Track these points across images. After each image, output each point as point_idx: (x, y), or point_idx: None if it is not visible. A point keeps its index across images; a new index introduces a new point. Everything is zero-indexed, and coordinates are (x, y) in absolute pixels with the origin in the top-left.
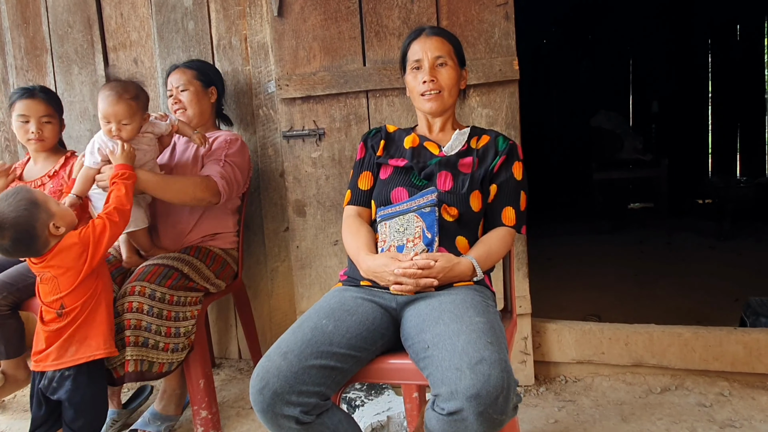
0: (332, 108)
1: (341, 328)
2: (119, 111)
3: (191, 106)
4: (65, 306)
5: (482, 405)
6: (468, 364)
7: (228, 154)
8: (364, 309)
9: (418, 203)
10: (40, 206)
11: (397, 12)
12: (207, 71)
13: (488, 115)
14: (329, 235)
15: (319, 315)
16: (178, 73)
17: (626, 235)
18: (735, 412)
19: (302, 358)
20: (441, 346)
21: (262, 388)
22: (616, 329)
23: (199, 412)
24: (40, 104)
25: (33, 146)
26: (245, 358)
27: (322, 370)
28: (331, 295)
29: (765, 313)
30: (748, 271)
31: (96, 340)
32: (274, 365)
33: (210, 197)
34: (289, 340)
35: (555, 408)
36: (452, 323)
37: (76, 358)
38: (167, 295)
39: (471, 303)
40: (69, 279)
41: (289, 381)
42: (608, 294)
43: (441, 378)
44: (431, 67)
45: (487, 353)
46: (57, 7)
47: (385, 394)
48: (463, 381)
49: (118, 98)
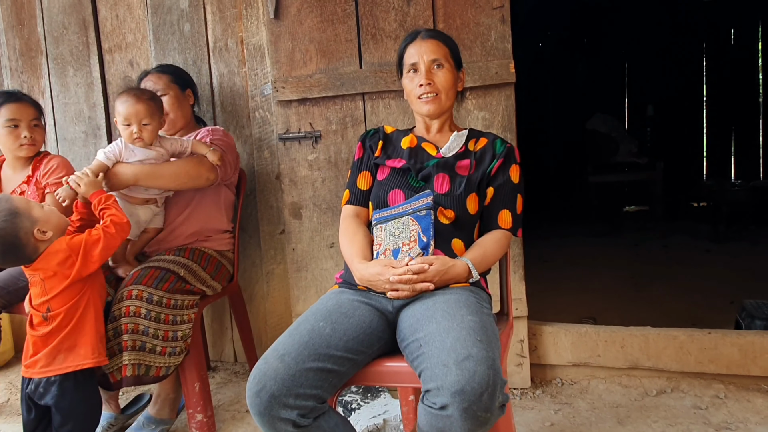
0: (328, 110)
1: (338, 330)
2: (140, 110)
3: (173, 110)
4: (51, 309)
5: (467, 401)
6: (455, 360)
7: (213, 139)
8: (361, 312)
9: (414, 206)
10: (21, 215)
11: (393, 15)
12: (181, 74)
13: (485, 118)
14: (325, 238)
15: (316, 317)
16: (152, 78)
17: (622, 238)
18: (730, 414)
19: (299, 360)
20: (432, 343)
21: (259, 390)
22: (612, 332)
23: (195, 415)
24: (28, 107)
25: (25, 152)
26: (241, 361)
27: (320, 373)
28: (327, 298)
29: (760, 316)
30: (743, 273)
31: (84, 348)
32: (271, 368)
33: (206, 173)
34: (286, 342)
35: (551, 411)
36: (444, 321)
37: (64, 366)
38: (164, 299)
39: (465, 302)
40: (54, 282)
41: (287, 384)
42: (604, 297)
43: (430, 374)
44: (428, 70)
45: (475, 350)
46: (52, 9)
47: (381, 397)
48: (449, 377)
49: (138, 99)
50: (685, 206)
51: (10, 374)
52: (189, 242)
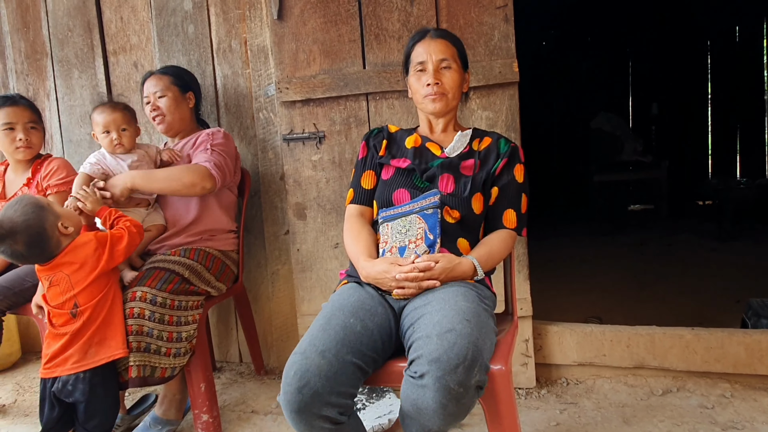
0: (332, 111)
1: (368, 329)
2: (117, 117)
3: (170, 112)
4: (78, 305)
5: (441, 370)
6: (438, 332)
7: (213, 144)
8: (382, 310)
9: (421, 205)
10: (46, 209)
11: (396, 15)
12: (183, 76)
13: (488, 118)
14: (330, 238)
15: (345, 313)
16: (153, 79)
17: (627, 237)
18: (737, 413)
19: (340, 357)
20: (421, 322)
21: (301, 387)
22: (618, 331)
23: (200, 416)
24: (24, 110)
25: (21, 154)
26: (246, 362)
27: (356, 371)
28: (348, 293)
29: (766, 315)
30: (749, 272)
31: (115, 340)
32: (313, 364)
33: (202, 182)
34: (322, 337)
35: (557, 410)
36: (437, 305)
37: (97, 359)
38: (168, 300)
39: (462, 293)
40: (82, 275)
41: (330, 381)
42: (609, 296)
43: (414, 347)
44: (435, 69)
45: (459, 326)
46: (57, 11)
47: (387, 398)
48: (429, 346)
49: (113, 108)
50: (690, 205)
51: (17, 375)
52: (193, 240)
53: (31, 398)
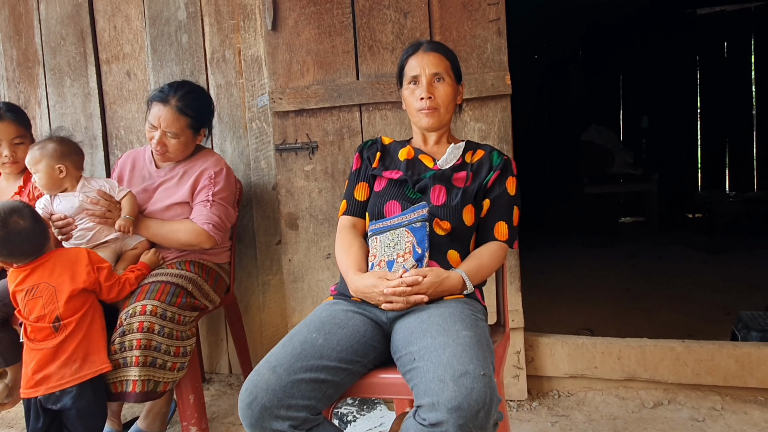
0: (325, 121)
1: (332, 341)
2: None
3: (176, 153)
4: (61, 318)
5: (463, 418)
6: (452, 376)
7: (215, 192)
8: (355, 322)
9: (409, 218)
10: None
11: (390, 27)
12: (202, 113)
13: (481, 130)
14: (322, 249)
15: (309, 328)
16: (170, 115)
17: (618, 249)
18: (727, 426)
19: (291, 371)
20: (427, 358)
21: (250, 402)
22: (609, 343)
23: (189, 428)
24: (9, 126)
25: (8, 170)
26: (236, 373)
27: (312, 384)
28: (321, 309)
29: (756, 327)
30: (739, 284)
31: (99, 355)
32: (263, 379)
33: (200, 244)
34: (278, 353)
35: (548, 423)
36: (439, 336)
37: (80, 375)
38: (176, 315)
39: (459, 316)
40: (65, 287)
41: (278, 395)
42: (600, 308)
43: (424, 389)
44: (429, 83)
45: (472, 367)
46: (50, 20)
47: (378, 410)
48: (445, 392)
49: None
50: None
51: None
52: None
53: (16, 409)
